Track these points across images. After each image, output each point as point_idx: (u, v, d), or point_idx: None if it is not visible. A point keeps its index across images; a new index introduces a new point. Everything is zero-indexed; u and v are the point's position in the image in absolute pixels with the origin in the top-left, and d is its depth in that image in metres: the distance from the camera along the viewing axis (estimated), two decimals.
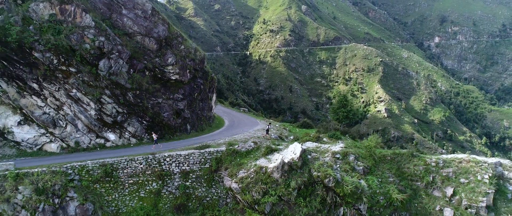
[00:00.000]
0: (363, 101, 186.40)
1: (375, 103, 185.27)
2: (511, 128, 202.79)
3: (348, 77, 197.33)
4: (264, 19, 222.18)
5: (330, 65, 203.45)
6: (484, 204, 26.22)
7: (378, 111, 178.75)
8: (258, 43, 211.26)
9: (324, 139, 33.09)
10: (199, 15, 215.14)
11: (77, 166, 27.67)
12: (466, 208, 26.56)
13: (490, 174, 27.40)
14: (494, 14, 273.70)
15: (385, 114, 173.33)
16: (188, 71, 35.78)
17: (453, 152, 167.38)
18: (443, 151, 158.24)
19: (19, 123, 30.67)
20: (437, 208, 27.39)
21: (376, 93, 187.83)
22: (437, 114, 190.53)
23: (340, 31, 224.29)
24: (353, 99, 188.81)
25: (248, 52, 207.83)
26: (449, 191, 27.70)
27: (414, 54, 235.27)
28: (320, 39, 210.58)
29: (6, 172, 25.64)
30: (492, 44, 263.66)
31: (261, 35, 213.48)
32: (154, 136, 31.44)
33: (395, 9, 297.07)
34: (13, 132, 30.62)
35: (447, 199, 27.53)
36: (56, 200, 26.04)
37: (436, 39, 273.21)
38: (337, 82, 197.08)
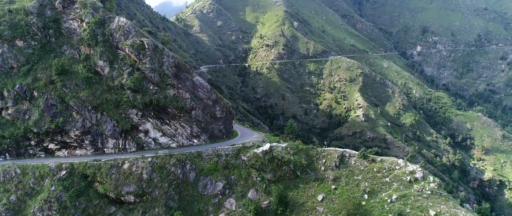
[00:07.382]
0: (345, 107, 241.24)
1: (354, 109, 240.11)
2: (473, 129, 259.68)
3: (333, 86, 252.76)
4: (260, 34, 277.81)
5: (317, 75, 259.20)
6: (333, 164, 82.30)
7: (357, 115, 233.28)
8: (255, 56, 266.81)
9: (281, 141, 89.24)
10: (204, 31, 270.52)
11: (188, 152, 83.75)
12: (329, 166, 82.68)
13: (338, 154, 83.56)
14: (470, 25, 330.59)
15: (363, 119, 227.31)
16: (224, 112, 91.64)
17: (420, 151, 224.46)
18: (410, 149, 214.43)
19: (161, 136, 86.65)
20: (319, 166, 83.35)
21: (356, 100, 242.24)
22: (408, 118, 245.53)
23: (328, 44, 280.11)
24: (337, 106, 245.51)
25: (247, 64, 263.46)
26: (324, 161, 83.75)
27: (394, 64, 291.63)
28: (309, 53, 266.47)
29: (166, 153, 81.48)
30: (468, 53, 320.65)
31: (258, 49, 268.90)
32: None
33: (382, 19, 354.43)
34: (158, 139, 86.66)
35: (323, 164, 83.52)
36: (183, 163, 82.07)
37: (418, 48, 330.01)
38: (323, 90, 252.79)
